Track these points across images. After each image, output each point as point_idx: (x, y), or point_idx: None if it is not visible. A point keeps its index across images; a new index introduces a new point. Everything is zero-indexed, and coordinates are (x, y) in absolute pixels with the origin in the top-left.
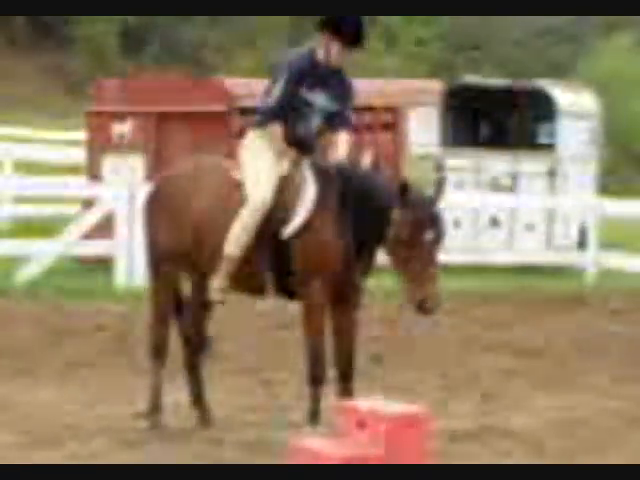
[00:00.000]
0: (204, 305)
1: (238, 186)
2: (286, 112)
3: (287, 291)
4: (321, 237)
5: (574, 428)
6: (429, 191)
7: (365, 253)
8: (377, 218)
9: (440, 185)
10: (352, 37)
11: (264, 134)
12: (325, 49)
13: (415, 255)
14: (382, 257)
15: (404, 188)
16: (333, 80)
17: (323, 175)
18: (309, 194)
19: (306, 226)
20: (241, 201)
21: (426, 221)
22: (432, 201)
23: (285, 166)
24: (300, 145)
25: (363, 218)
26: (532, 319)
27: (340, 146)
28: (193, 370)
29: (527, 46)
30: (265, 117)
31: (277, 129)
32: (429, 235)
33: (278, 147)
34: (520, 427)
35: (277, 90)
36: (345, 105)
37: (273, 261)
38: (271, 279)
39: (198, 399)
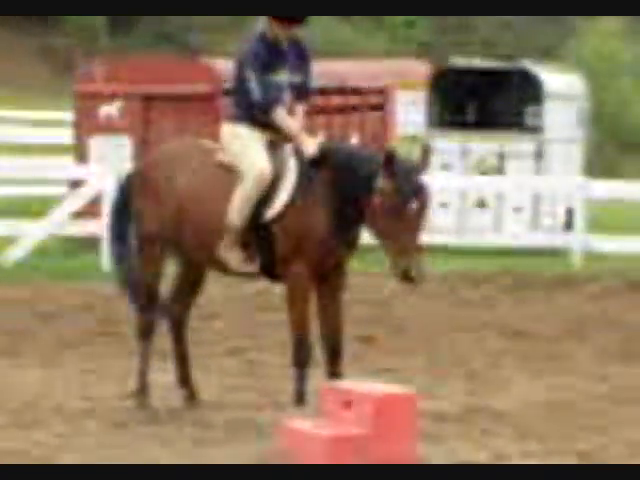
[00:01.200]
0: (192, 285)
1: (222, 168)
2: (275, 98)
3: (271, 274)
4: (302, 221)
5: (559, 410)
6: (414, 161)
7: (349, 233)
8: (360, 187)
9: (426, 154)
10: (294, 18)
11: (243, 124)
12: (273, 31)
13: (399, 224)
14: (367, 237)
15: (390, 157)
16: (290, 53)
17: (304, 156)
18: (290, 178)
19: (287, 210)
20: (227, 182)
21: (411, 190)
22: (417, 170)
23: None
24: (271, 127)
25: (347, 188)
26: (519, 301)
27: (296, 117)
28: (180, 350)
29: (513, 28)
30: (251, 110)
31: (282, 113)
32: (413, 204)
33: (292, 130)
34: (506, 408)
35: (253, 84)
36: (305, 75)
37: (257, 244)
38: (256, 262)
39: (185, 379)
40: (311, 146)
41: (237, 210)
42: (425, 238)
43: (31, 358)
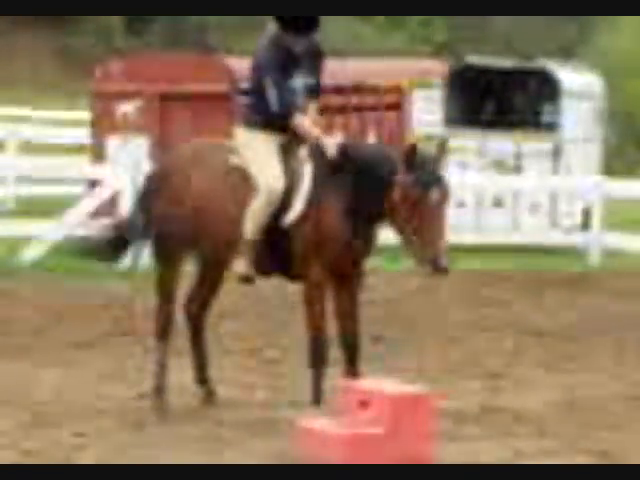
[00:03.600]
0: (209, 285)
1: (236, 170)
2: (294, 104)
3: (289, 274)
4: (320, 225)
5: (579, 409)
6: (432, 154)
7: (367, 234)
8: (380, 184)
9: (442, 146)
10: (302, 26)
11: (256, 128)
12: (283, 38)
13: (421, 216)
14: (383, 238)
15: (409, 151)
16: (304, 55)
17: (321, 158)
18: (305, 183)
19: (304, 215)
20: (241, 185)
21: (430, 181)
22: (436, 162)
23: (282, 153)
24: (285, 130)
25: (365, 187)
26: (535, 299)
27: (308, 116)
28: (198, 349)
29: (530, 26)
30: (267, 115)
31: (302, 119)
32: (434, 194)
33: (313, 134)
34: (523, 407)
35: (271, 91)
36: (316, 76)
37: (275, 246)
38: (272, 263)
39: (202, 378)
40: (332, 148)
41: (251, 224)
42: None
43: (47, 358)
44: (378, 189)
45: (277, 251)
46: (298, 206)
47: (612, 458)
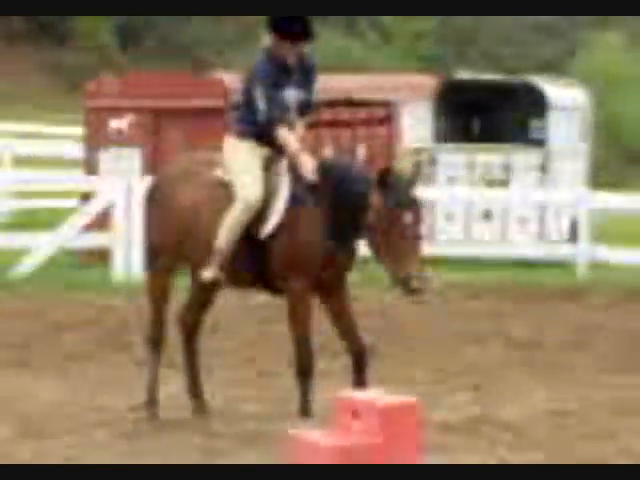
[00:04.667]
0: (201, 298)
1: (222, 184)
2: (281, 116)
3: (271, 287)
4: (296, 237)
5: (564, 420)
6: (407, 175)
7: (346, 246)
8: (356, 204)
9: (417, 168)
10: (298, 35)
11: (245, 139)
12: (278, 49)
13: (395, 237)
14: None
15: (382, 174)
16: (297, 69)
17: (299, 172)
18: (283, 195)
19: (281, 227)
20: (224, 199)
21: (405, 203)
22: (409, 184)
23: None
24: (272, 143)
25: (342, 206)
26: (524, 312)
27: (296, 132)
28: (191, 362)
29: (518, 42)
30: (255, 126)
31: (285, 133)
32: (408, 216)
33: (292, 149)
34: (512, 418)
35: (260, 102)
36: (309, 90)
37: (253, 259)
38: (252, 277)
39: (195, 390)
40: (309, 167)
41: (225, 234)
42: (431, 249)
43: (41, 369)
44: (354, 209)
45: (256, 264)
46: (274, 218)
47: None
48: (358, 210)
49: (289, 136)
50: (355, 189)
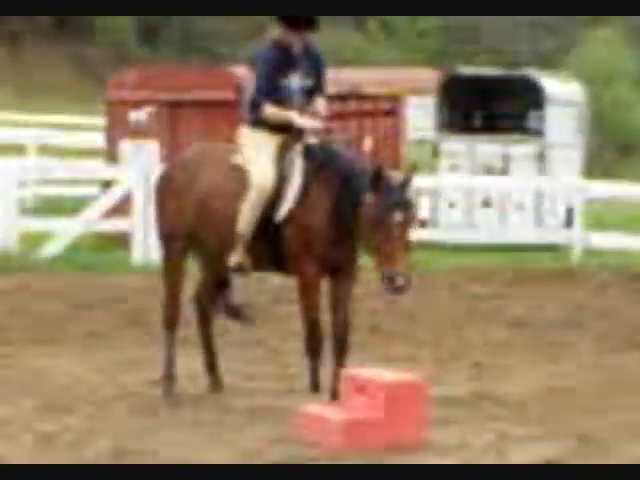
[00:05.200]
0: (215, 277)
1: (237, 169)
2: (269, 99)
3: (284, 269)
4: (308, 220)
5: (560, 395)
6: (400, 177)
7: (353, 231)
8: (353, 197)
9: (411, 170)
10: (303, 23)
11: (257, 128)
12: (285, 37)
13: (384, 236)
14: None
15: (377, 174)
16: (303, 58)
17: (311, 158)
18: (296, 179)
19: (294, 211)
20: (239, 184)
21: (394, 203)
22: (403, 186)
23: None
24: (286, 129)
25: (343, 194)
26: (522, 293)
27: (319, 109)
28: (206, 338)
29: (516, 38)
30: (254, 111)
31: (269, 107)
32: (398, 217)
33: (281, 116)
34: (509, 394)
35: (257, 83)
36: (319, 78)
37: (269, 242)
38: (269, 259)
39: (211, 366)
40: (310, 123)
41: (244, 219)
42: (434, 234)
43: (65, 346)
44: (353, 200)
45: (272, 247)
46: (288, 203)
47: (591, 441)
48: (356, 203)
49: (274, 109)
50: (354, 184)
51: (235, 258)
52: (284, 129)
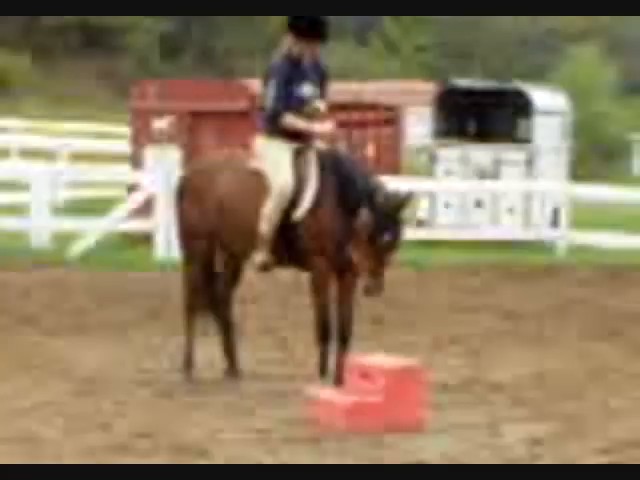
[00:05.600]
0: (233, 275)
1: (255, 173)
2: (285, 108)
3: (302, 264)
4: (322, 221)
5: (544, 381)
6: (398, 196)
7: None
8: (355, 203)
9: (408, 198)
10: (315, 35)
11: (273, 136)
12: (296, 48)
13: (372, 253)
14: None
15: (373, 193)
16: (312, 71)
17: (325, 163)
18: (312, 183)
19: (310, 212)
20: (258, 186)
21: (386, 225)
22: (397, 208)
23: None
24: (300, 136)
25: (347, 198)
26: (512, 286)
27: (318, 104)
28: (225, 326)
29: (507, 54)
30: (270, 121)
31: (289, 117)
32: (386, 237)
33: (302, 126)
34: (502, 379)
35: (271, 93)
36: (324, 88)
37: (287, 240)
38: (287, 256)
39: (229, 352)
40: (324, 127)
41: (267, 221)
42: (432, 233)
43: (94, 336)
44: (355, 206)
45: (292, 245)
46: (305, 204)
47: (575, 423)
48: (353, 211)
49: (294, 119)
50: (356, 192)
51: (260, 257)
52: (297, 136)
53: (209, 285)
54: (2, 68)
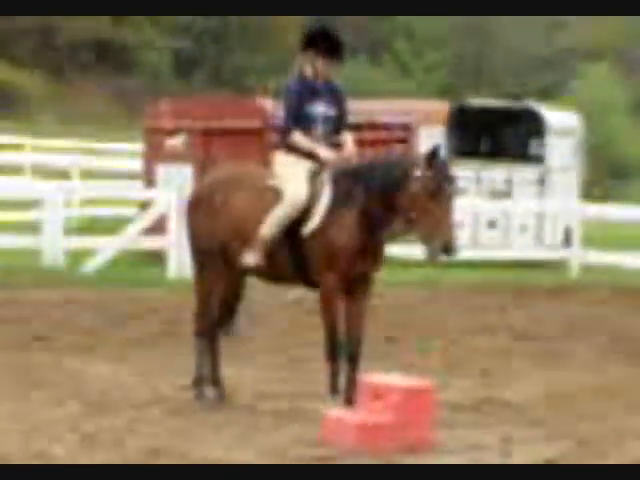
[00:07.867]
0: (235, 291)
1: (270, 190)
2: (297, 125)
3: (307, 281)
4: (333, 239)
5: (560, 401)
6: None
7: (375, 249)
8: (391, 187)
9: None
10: (330, 53)
11: (290, 153)
12: (311, 66)
13: (436, 205)
14: (394, 251)
15: (433, 152)
16: (325, 90)
17: (340, 178)
18: (324, 202)
19: (321, 228)
20: (271, 201)
21: (446, 177)
22: (450, 165)
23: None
24: (314, 156)
25: (378, 190)
26: (525, 306)
27: (348, 144)
28: (214, 350)
29: (520, 73)
30: (283, 138)
31: (298, 135)
32: (448, 188)
33: (308, 146)
34: (515, 399)
35: (285, 112)
36: (341, 109)
37: (293, 256)
38: (291, 272)
39: (217, 370)
40: (326, 154)
41: (269, 224)
42: None
43: (104, 354)
44: (392, 188)
45: (295, 260)
46: (317, 218)
47: (590, 444)
48: (393, 194)
49: (302, 138)
50: (390, 176)
51: (251, 258)
52: (312, 155)
53: (220, 300)
54: (16, 86)
